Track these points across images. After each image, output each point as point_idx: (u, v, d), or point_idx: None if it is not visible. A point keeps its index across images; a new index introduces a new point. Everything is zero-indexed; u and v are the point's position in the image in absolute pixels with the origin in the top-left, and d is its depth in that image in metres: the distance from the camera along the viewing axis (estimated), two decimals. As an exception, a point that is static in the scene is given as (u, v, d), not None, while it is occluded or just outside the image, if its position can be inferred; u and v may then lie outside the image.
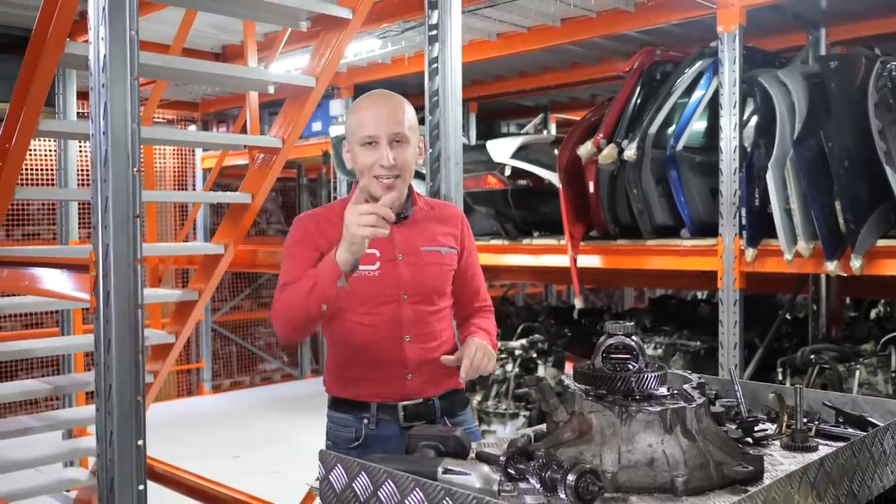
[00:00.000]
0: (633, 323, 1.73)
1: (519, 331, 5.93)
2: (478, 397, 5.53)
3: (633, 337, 1.71)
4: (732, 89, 4.33)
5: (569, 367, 5.61)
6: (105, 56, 2.24)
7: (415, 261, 2.21)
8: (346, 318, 2.18)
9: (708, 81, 4.60)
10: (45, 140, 6.94)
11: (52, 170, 6.81)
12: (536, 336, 5.76)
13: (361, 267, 2.10)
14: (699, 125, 4.77)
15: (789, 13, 5.06)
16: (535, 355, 5.66)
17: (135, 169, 2.27)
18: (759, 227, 4.27)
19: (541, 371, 5.58)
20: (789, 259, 4.09)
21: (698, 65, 4.65)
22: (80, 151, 6.00)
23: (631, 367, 1.68)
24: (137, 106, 2.27)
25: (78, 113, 5.71)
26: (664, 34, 5.53)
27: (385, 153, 2.11)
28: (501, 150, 5.44)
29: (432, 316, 2.21)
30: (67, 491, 4.92)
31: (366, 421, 2.19)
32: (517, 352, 5.61)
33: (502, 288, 9.60)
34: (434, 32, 3.15)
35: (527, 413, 5.38)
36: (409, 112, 2.20)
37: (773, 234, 4.14)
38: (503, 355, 5.62)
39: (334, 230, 2.11)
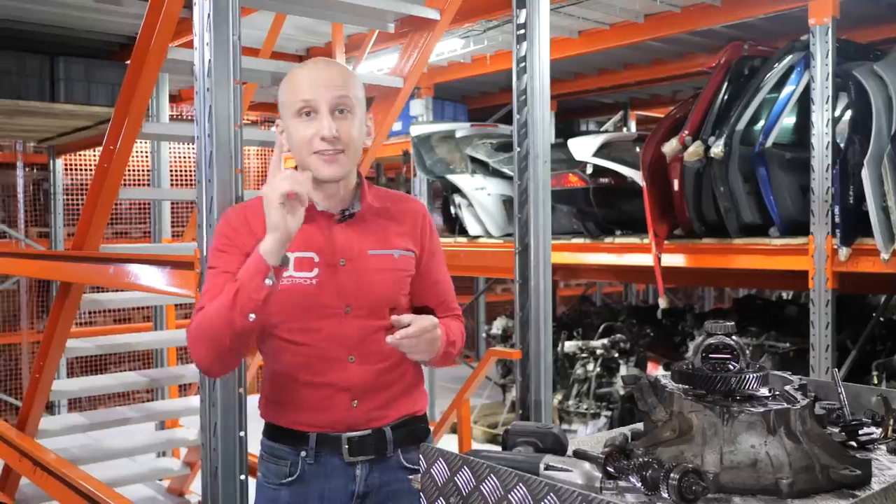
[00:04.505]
0: (733, 323, 1.71)
1: (600, 330, 5.89)
2: (558, 396, 5.52)
3: (734, 337, 1.69)
4: (825, 84, 4.21)
5: (651, 368, 5.54)
6: (210, 61, 2.33)
7: (360, 266, 1.86)
8: (278, 335, 1.85)
9: (799, 76, 4.47)
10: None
11: (141, 170, 7.06)
12: (618, 336, 5.71)
13: (295, 274, 1.80)
14: (789, 121, 4.64)
15: (884, 3, 4.88)
16: (616, 355, 5.61)
17: (237, 170, 2.36)
18: (853, 225, 4.13)
19: (623, 371, 5.52)
20: (886, 258, 3.95)
21: (788, 59, 4.53)
22: (171, 153, 6.20)
23: (731, 367, 1.66)
24: (240, 109, 2.35)
25: (169, 115, 5.90)
26: (751, 28, 5.40)
27: (326, 122, 1.79)
28: (583, 148, 5.41)
29: (382, 332, 1.81)
30: (160, 480, 5.13)
31: (304, 454, 1.85)
32: (598, 351, 5.58)
33: (579, 287, 9.53)
34: (522, 31, 3.17)
35: (608, 413, 5.34)
36: (355, 80, 1.87)
37: (868, 233, 4.01)
38: (584, 354, 5.59)
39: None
